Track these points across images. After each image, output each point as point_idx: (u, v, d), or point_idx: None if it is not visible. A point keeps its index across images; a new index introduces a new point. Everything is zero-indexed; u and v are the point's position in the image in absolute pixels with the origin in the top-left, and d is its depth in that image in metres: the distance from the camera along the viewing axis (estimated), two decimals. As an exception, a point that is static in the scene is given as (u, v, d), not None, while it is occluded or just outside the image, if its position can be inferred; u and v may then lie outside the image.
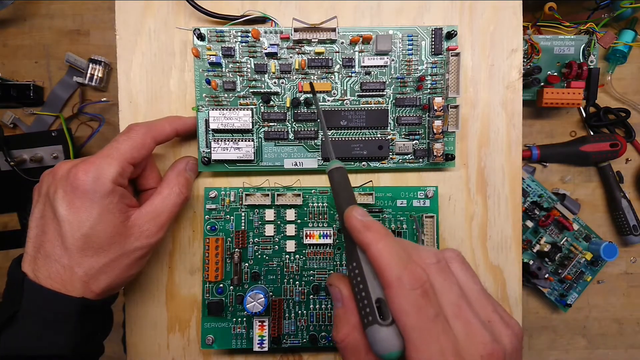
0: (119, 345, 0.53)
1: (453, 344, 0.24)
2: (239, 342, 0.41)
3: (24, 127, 0.72)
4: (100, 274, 0.34)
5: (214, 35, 0.40)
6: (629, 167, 0.73)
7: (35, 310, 0.32)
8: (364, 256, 0.27)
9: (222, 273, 0.41)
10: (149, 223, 0.36)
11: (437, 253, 0.28)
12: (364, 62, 0.41)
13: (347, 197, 0.30)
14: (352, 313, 0.27)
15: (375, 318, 0.25)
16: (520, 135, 0.43)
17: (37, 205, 0.35)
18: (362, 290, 0.27)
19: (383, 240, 0.26)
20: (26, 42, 0.72)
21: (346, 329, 0.27)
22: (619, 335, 0.74)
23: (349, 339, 0.27)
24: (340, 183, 0.31)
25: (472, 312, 0.26)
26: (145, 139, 0.36)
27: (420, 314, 0.24)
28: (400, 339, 0.25)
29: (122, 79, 0.43)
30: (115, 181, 0.34)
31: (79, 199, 0.33)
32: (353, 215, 0.28)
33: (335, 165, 0.31)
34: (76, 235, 0.33)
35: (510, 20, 0.43)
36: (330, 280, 0.29)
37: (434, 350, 0.24)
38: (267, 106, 0.41)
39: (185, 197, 0.38)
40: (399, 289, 0.24)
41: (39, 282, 0.33)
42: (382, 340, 0.25)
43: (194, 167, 0.41)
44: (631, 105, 0.71)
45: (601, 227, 0.73)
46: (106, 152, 0.35)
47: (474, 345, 0.25)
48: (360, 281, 0.27)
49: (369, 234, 0.26)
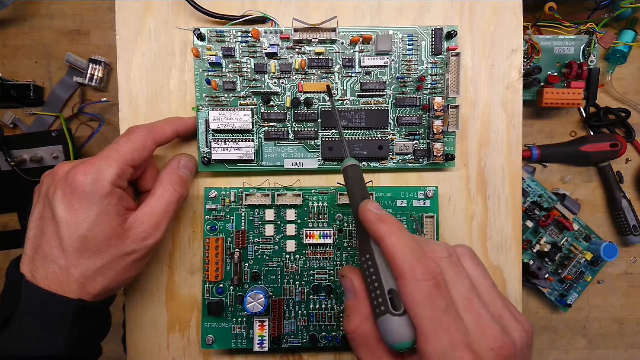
0: (119, 345, 0.53)
1: (464, 336, 0.24)
2: (239, 342, 0.41)
3: (24, 127, 0.72)
4: (96, 275, 0.34)
5: (214, 35, 0.40)
6: (629, 167, 0.73)
7: (33, 312, 0.32)
8: (377, 248, 0.27)
9: (222, 273, 0.41)
10: (145, 224, 0.36)
11: (449, 247, 0.28)
12: (364, 62, 0.41)
13: (361, 192, 0.31)
14: (364, 304, 0.27)
15: (387, 308, 0.25)
16: (520, 135, 0.43)
17: (37, 205, 0.35)
18: (374, 281, 0.27)
19: (397, 233, 0.26)
20: (26, 42, 0.72)
21: (357, 320, 0.27)
22: (619, 335, 0.74)
23: (360, 330, 0.27)
24: (355, 179, 0.32)
25: (483, 306, 0.26)
26: (145, 141, 0.36)
27: (432, 304, 0.24)
28: (411, 330, 0.25)
29: (122, 79, 0.43)
30: (114, 183, 0.34)
31: (78, 200, 0.33)
32: (367, 208, 0.28)
33: (350, 163, 0.32)
34: (73, 236, 0.33)
35: (510, 20, 0.43)
36: (343, 271, 0.30)
37: (445, 341, 0.24)
38: (267, 106, 0.41)
39: (180, 194, 0.38)
40: (411, 280, 0.25)
41: (36, 283, 0.32)
42: (394, 330, 0.25)
43: (188, 164, 0.40)
44: (631, 105, 0.71)
45: (601, 227, 0.73)
46: (106, 154, 0.35)
47: (484, 338, 0.25)
48: (372, 272, 0.27)
49: (383, 226, 0.27)
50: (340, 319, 0.42)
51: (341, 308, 0.42)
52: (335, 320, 0.42)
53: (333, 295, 0.42)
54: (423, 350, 0.24)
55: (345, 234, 0.42)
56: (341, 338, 0.42)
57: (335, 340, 0.42)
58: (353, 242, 0.42)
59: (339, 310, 0.42)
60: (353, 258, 0.42)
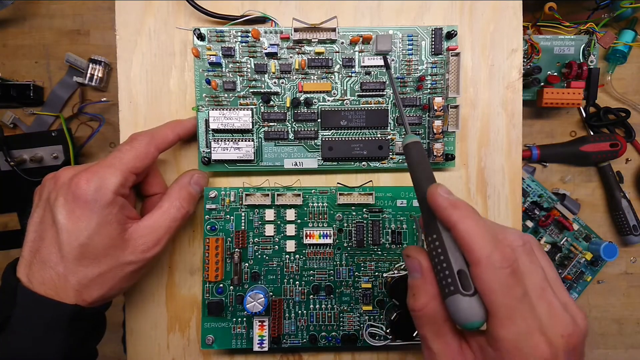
0: (119, 345, 0.53)
1: (538, 323, 0.25)
2: (239, 342, 0.41)
3: (24, 127, 0.72)
4: (93, 284, 0.34)
5: (214, 35, 0.40)
6: (629, 167, 0.73)
7: (28, 316, 0.32)
8: (445, 230, 0.27)
9: (222, 273, 0.41)
10: (146, 237, 0.35)
11: (523, 235, 0.29)
12: (364, 62, 0.41)
13: (427, 173, 0.30)
14: (431, 283, 0.28)
15: (457, 288, 0.26)
16: (520, 135, 0.43)
17: (37, 209, 0.35)
18: (442, 262, 0.27)
19: (470, 219, 0.26)
20: (26, 42, 0.72)
21: (425, 299, 0.28)
22: (619, 335, 0.74)
23: (427, 309, 0.28)
24: (418, 158, 0.30)
25: (554, 295, 0.27)
26: (148, 148, 0.36)
27: (509, 292, 0.25)
28: (482, 310, 0.26)
29: (122, 79, 0.43)
30: (117, 192, 0.34)
31: (79, 208, 0.33)
32: (438, 193, 0.28)
33: (412, 140, 0.30)
34: (73, 244, 0.33)
35: (510, 20, 0.43)
36: (408, 251, 0.30)
37: (521, 328, 0.25)
38: (267, 106, 0.41)
39: (186, 211, 0.38)
40: (488, 267, 0.25)
41: (32, 288, 0.32)
42: (465, 310, 0.26)
43: (200, 181, 0.40)
44: (631, 105, 0.71)
45: (601, 227, 0.73)
46: (109, 162, 0.35)
47: (555, 326, 0.26)
48: (440, 253, 0.27)
49: (456, 211, 0.27)
50: (341, 319, 0.42)
51: (341, 308, 0.42)
52: (335, 320, 0.42)
53: (333, 295, 0.42)
54: (497, 335, 0.25)
55: (345, 234, 0.42)
56: (341, 338, 0.42)
57: (335, 340, 0.42)
58: (353, 242, 0.42)
59: (339, 310, 0.42)
60: (353, 258, 0.42)
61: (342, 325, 0.42)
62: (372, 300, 0.42)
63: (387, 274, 0.41)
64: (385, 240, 0.42)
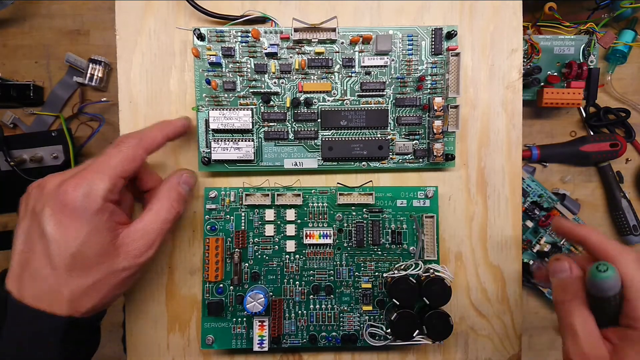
0: (119, 345, 0.53)
1: None
2: (239, 342, 0.41)
3: (24, 127, 0.72)
4: (86, 294, 0.33)
5: (214, 35, 0.40)
6: (629, 167, 0.73)
7: (20, 328, 0.32)
8: None
9: (222, 273, 0.41)
10: (138, 242, 0.35)
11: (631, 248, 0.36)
12: (364, 62, 0.41)
13: None
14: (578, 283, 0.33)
15: None
16: (520, 135, 0.43)
17: (24, 220, 0.34)
18: None
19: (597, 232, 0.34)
20: (26, 42, 0.72)
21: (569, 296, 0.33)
22: (619, 335, 0.74)
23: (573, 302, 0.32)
24: None
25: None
26: (136, 151, 0.35)
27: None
28: None
29: (122, 79, 0.43)
30: (106, 198, 0.33)
31: (67, 217, 0.32)
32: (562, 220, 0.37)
33: None
34: (64, 255, 0.32)
35: (510, 20, 0.43)
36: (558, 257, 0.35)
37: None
38: (267, 106, 0.41)
39: (177, 212, 0.37)
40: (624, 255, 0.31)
41: (23, 301, 0.32)
42: None
43: (189, 180, 0.39)
44: (631, 105, 0.71)
45: (601, 227, 0.73)
46: (96, 167, 0.33)
47: None
48: None
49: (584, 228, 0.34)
50: (341, 319, 0.42)
51: (341, 308, 0.42)
52: (335, 320, 0.42)
53: (333, 295, 0.42)
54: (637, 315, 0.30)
55: (345, 234, 0.42)
56: (341, 338, 0.42)
57: (335, 340, 0.42)
58: (353, 242, 0.42)
59: (339, 310, 0.42)
60: (353, 258, 0.42)
61: (342, 325, 0.42)
62: (372, 300, 0.42)
63: (387, 274, 0.41)
64: (385, 241, 0.42)
